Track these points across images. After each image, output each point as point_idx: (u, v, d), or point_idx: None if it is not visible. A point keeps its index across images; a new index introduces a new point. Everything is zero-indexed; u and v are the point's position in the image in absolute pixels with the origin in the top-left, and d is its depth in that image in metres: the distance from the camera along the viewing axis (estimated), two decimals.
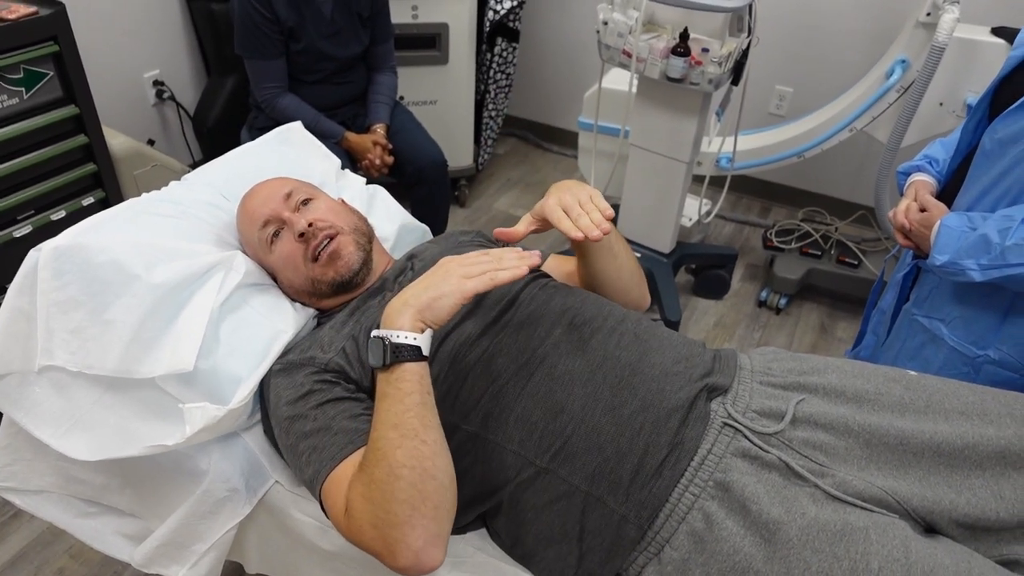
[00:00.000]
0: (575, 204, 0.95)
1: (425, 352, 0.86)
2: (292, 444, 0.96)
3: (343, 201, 1.25)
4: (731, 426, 0.92)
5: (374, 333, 0.86)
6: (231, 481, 1.04)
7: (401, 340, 0.84)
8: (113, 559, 1.18)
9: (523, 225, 1.00)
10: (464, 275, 0.86)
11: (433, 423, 0.85)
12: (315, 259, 1.11)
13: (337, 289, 1.13)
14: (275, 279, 1.20)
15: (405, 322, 0.85)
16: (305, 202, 1.17)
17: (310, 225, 1.11)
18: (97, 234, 1.09)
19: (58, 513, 1.16)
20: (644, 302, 1.24)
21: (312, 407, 0.96)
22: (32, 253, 1.05)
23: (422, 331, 0.85)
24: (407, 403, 0.83)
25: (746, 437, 0.91)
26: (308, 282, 1.13)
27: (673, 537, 0.87)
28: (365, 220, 1.22)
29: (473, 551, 1.00)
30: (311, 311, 1.18)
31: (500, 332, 1.01)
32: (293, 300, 1.19)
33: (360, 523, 0.83)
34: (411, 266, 1.18)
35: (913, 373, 0.99)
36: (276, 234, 1.15)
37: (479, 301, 1.06)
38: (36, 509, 1.16)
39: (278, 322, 1.11)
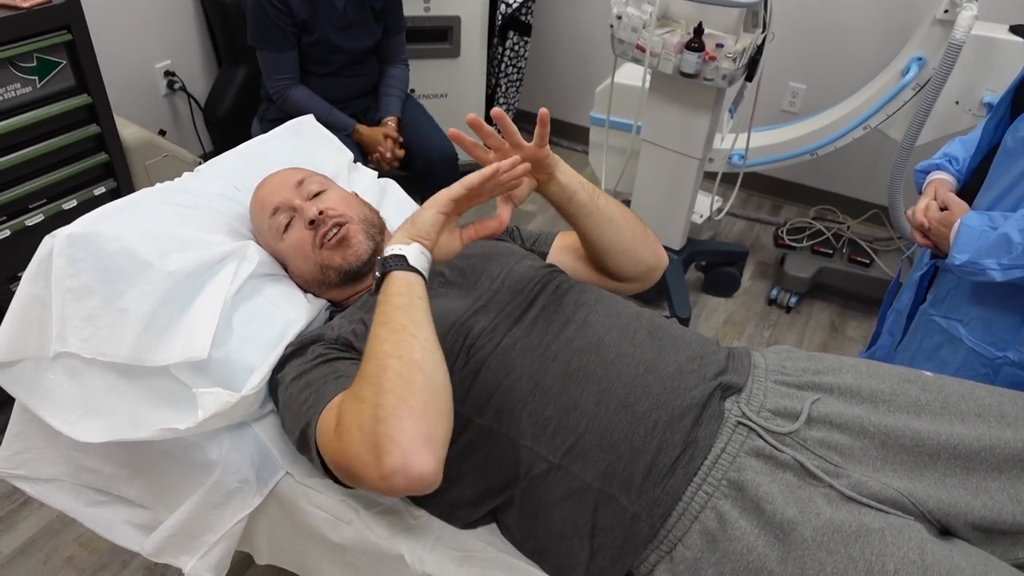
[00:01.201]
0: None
1: (412, 263, 0.88)
2: (293, 398, 0.96)
3: (356, 194, 1.25)
4: (745, 425, 0.91)
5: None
6: (242, 472, 1.04)
7: (389, 252, 0.88)
8: (122, 548, 1.18)
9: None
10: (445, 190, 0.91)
11: (423, 322, 0.84)
12: (323, 245, 1.11)
13: (345, 277, 1.13)
14: (287, 269, 1.20)
15: (399, 239, 0.90)
16: (317, 192, 1.17)
17: (321, 213, 1.11)
18: (111, 222, 1.09)
19: (68, 501, 1.16)
20: (661, 260, 1.18)
21: (316, 365, 0.98)
22: (47, 240, 1.05)
23: (408, 244, 0.89)
24: (395, 303, 0.84)
25: (760, 436, 0.90)
26: (317, 269, 1.13)
27: (686, 536, 0.87)
28: (377, 213, 1.22)
29: (483, 546, 0.99)
30: (323, 301, 1.18)
31: (514, 326, 1.01)
32: (305, 291, 1.18)
33: (348, 428, 0.79)
34: None
35: (929, 374, 0.98)
36: (288, 224, 1.15)
37: (493, 295, 1.05)
38: (46, 497, 1.16)
39: (290, 311, 1.11)
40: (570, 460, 0.91)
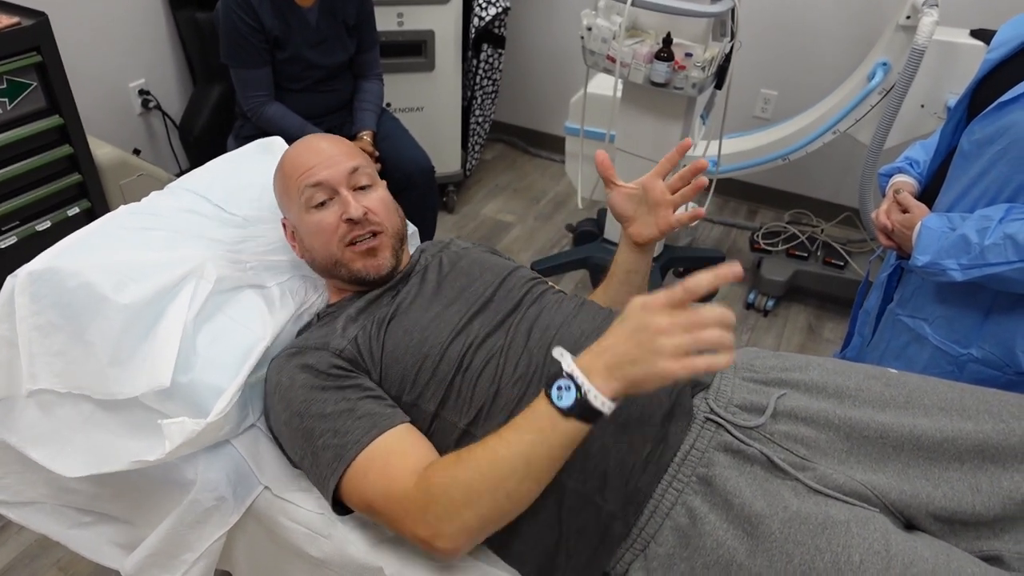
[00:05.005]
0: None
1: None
2: (307, 427, 0.95)
3: (394, 202, 1.21)
4: (713, 420, 0.93)
5: (573, 372, 0.78)
6: (218, 490, 1.04)
7: (598, 405, 0.77)
8: (102, 570, 1.17)
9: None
10: (671, 354, 0.76)
11: (552, 475, 0.84)
12: (350, 244, 1.10)
13: (354, 281, 1.13)
14: (291, 239, 1.19)
15: (607, 389, 0.77)
16: (364, 187, 1.14)
17: (365, 214, 1.10)
18: (70, 256, 1.08)
19: (51, 524, 1.15)
20: None
21: (332, 389, 0.96)
22: (9, 280, 1.05)
23: (612, 401, 0.78)
24: (554, 455, 0.81)
25: (728, 431, 0.92)
26: (331, 260, 1.12)
27: (658, 533, 0.88)
28: (404, 221, 1.21)
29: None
30: (290, 313, 1.17)
31: (505, 335, 1.02)
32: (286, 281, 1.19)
33: (425, 500, 0.85)
34: (422, 268, 1.17)
35: (894, 371, 1.01)
36: (323, 203, 1.12)
37: (485, 303, 1.07)
38: (28, 521, 1.15)
39: (256, 328, 1.11)
40: None
